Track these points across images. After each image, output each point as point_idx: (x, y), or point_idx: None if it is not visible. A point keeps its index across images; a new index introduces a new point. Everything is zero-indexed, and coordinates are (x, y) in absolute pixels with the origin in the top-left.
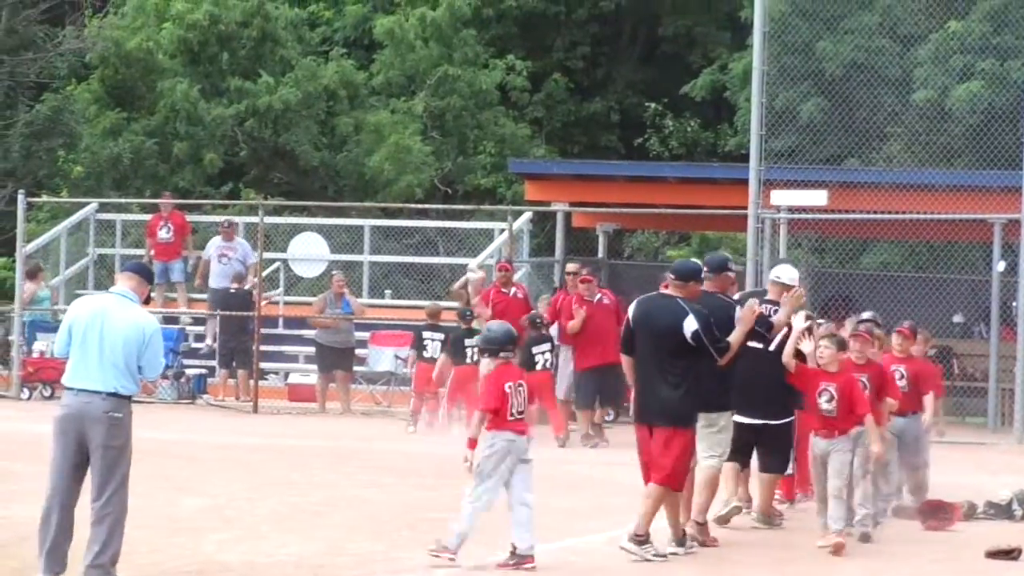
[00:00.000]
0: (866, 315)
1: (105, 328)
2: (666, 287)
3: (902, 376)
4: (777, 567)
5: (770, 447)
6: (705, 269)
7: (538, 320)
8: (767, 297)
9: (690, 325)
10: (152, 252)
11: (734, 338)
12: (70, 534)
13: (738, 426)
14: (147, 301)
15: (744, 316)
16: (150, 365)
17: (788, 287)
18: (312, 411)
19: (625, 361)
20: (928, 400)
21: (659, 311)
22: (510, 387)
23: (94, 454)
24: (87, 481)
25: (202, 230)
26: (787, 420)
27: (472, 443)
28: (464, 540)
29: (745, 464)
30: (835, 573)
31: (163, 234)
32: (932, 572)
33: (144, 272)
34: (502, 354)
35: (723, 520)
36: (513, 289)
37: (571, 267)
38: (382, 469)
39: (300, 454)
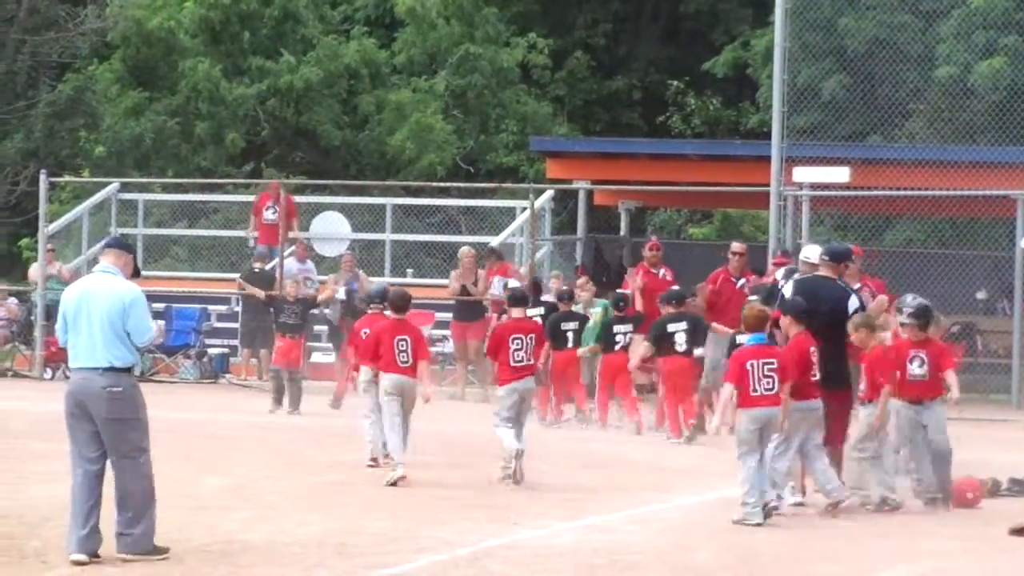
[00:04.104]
0: (910, 298)
1: (91, 306)
2: (778, 263)
3: (923, 363)
4: (796, 543)
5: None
6: (825, 257)
7: (622, 303)
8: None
9: (854, 303)
10: (257, 234)
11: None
12: (98, 508)
13: None
14: (136, 274)
15: (874, 308)
16: (136, 331)
17: (815, 266)
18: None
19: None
20: (952, 379)
21: (826, 291)
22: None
23: (102, 429)
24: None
25: (223, 209)
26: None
27: None
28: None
29: None
30: (859, 549)
31: (268, 215)
32: (956, 548)
33: (123, 246)
34: (371, 307)
35: None
36: (662, 270)
37: (736, 247)
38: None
39: (321, 433)
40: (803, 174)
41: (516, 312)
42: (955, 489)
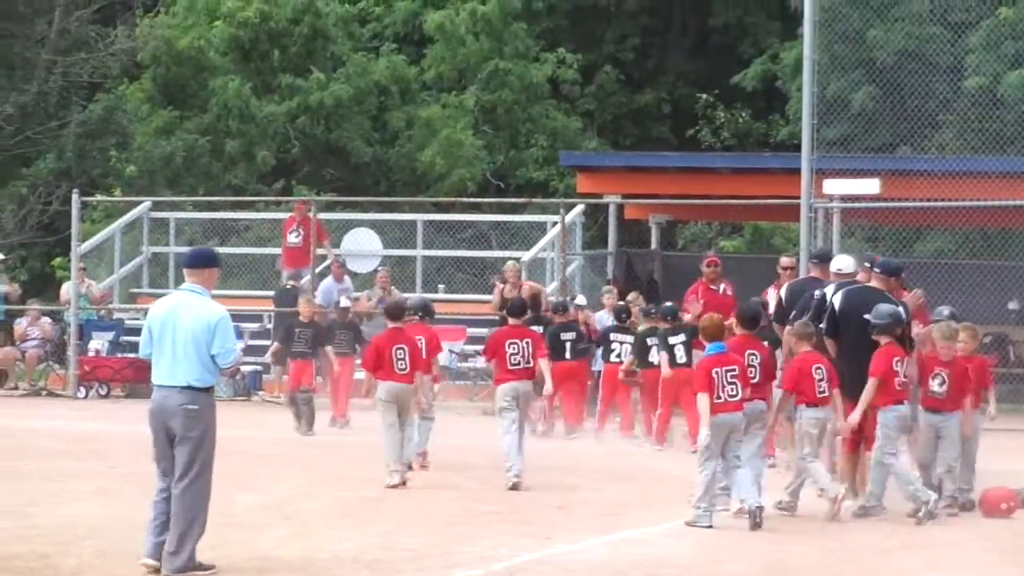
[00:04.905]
0: (945, 311)
1: (176, 325)
2: (811, 276)
3: (943, 381)
4: (829, 555)
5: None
6: (877, 270)
7: (624, 315)
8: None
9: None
10: (282, 258)
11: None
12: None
13: None
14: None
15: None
16: (221, 353)
17: (849, 275)
18: (366, 407)
19: (832, 345)
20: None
21: (873, 302)
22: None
23: (176, 444)
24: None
25: (255, 227)
26: None
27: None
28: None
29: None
30: (892, 560)
31: (292, 238)
32: (990, 560)
33: (203, 261)
34: (408, 317)
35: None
36: (722, 285)
37: (785, 261)
38: (436, 464)
39: (354, 449)
40: (833, 186)
41: (513, 321)
42: (989, 500)
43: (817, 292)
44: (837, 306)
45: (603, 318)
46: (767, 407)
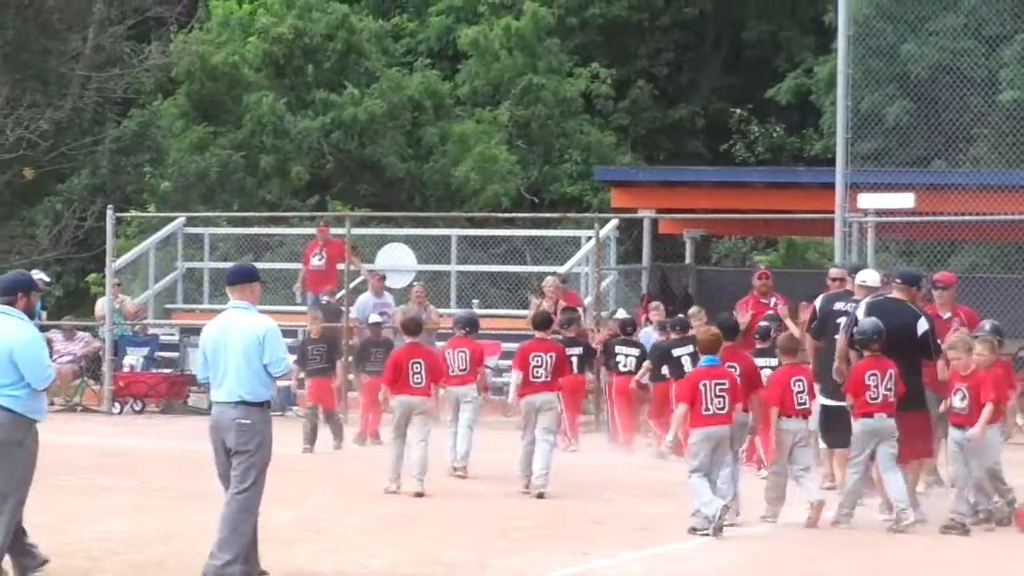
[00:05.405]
0: (987, 324)
1: (228, 344)
2: (845, 289)
3: (964, 396)
4: (864, 571)
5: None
6: (898, 280)
7: (629, 327)
8: (854, 298)
9: (923, 325)
10: (306, 282)
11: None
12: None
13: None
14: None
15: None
16: (273, 362)
17: (872, 289)
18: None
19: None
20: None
21: (895, 312)
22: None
23: (231, 458)
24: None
25: (289, 243)
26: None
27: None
28: None
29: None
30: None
31: (315, 261)
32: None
33: (244, 277)
34: (457, 332)
35: None
36: (773, 299)
37: (834, 272)
38: (471, 478)
39: (387, 465)
40: (868, 200)
41: (539, 333)
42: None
43: (850, 306)
44: (860, 318)
45: (648, 335)
46: (749, 418)
